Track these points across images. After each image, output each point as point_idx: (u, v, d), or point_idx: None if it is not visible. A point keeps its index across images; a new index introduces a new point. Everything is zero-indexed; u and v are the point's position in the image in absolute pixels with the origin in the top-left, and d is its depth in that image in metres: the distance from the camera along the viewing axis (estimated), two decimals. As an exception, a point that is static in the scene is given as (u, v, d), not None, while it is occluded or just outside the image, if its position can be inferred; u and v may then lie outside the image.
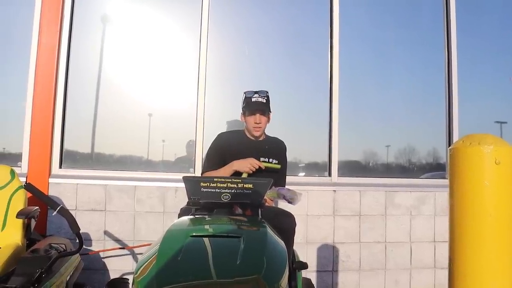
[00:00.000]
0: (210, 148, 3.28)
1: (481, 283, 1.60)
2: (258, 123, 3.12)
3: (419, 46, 4.84)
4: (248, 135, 3.24)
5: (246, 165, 2.98)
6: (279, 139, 3.38)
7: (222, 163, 3.09)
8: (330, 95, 4.43)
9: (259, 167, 3.00)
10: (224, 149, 3.14)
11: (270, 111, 3.20)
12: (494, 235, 1.60)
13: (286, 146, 3.37)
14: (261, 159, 3.11)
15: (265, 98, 3.13)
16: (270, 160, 3.17)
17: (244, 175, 2.97)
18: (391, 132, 4.78)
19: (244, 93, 3.20)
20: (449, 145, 4.52)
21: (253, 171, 2.98)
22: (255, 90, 3.16)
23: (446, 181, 4.42)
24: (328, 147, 4.39)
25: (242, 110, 3.21)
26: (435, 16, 4.79)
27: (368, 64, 4.76)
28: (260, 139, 3.24)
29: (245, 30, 4.51)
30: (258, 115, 3.11)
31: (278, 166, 3.12)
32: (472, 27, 4.89)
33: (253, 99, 3.12)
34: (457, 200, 1.66)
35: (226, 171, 3.03)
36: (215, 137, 3.30)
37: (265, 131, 3.30)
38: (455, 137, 4.58)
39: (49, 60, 3.93)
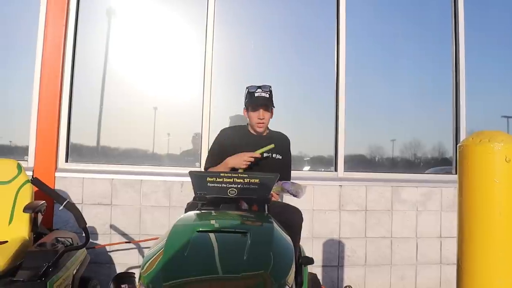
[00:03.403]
0: (213, 144, 3.25)
1: (490, 282, 1.59)
2: (261, 119, 3.05)
3: (426, 41, 4.79)
4: (251, 131, 3.19)
5: (241, 161, 2.91)
6: (283, 134, 3.33)
7: (224, 159, 3.04)
8: (336, 89, 4.41)
9: (256, 157, 2.94)
10: (227, 145, 3.08)
11: (274, 106, 3.13)
12: (503, 234, 1.59)
13: (290, 140, 3.32)
14: (264, 154, 3.07)
15: (268, 93, 3.05)
16: (274, 155, 3.14)
17: (240, 171, 2.92)
18: (397, 126, 4.75)
19: (247, 88, 3.12)
20: (456, 140, 4.53)
21: (249, 165, 2.93)
22: (258, 85, 3.07)
23: (452, 177, 4.46)
24: (334, 141, 4.37)
25: (245, 105, 3.15)
26: (443, 10, 4.75)
27: (374, 59, 4.73)
28: (263, 134, 3.19)
29: (251, 24, 4.48)
30: (261, 110, 3.04)
31: (272, 146, 3.02)
32: (480, 22, 4.84)
33: (256, 94, 3.03)
34: (466, 198, 1.65)
35: (222, 168, 2.97)
36: (218, 132, 3.27)
37: (269, 126, 3.27)
38: (462, 132, 4.56)
39: (55, 53, 3.92)
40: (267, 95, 3.05)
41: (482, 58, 4.85)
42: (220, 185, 2.35)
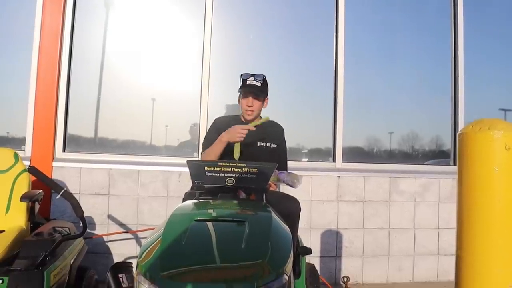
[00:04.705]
0: (209, 129, 3.22)
1: (490, 270, 1.59)
2: (250, 106, 3.03)
3: (425, 33, 4.79)
4: (244, 120, 3.15)
5: (236, 134, 2.85)
6: (276, 122, 3.28)
7: None
8: (335, 81, 4.40)
9: (250, 129, 2.89)
10: (221, 131, 3.01)
11: (267, 96, 3.12)
12: (503, 222, 1.58)
13: (285, 130, 3.27)
14: (258, 143, 3.05)
15: (261, 81, 3.04)
16: (268, 144, 3.10)
17: (237, 147, 2.89)
18: (395, 119, 4.75)
19: (241, 75, 3.10)
20: (455, 132, 4.53)
21: (244, 138, 2.87)
22: (252, 73, 3.07)
23: (450, 168, 4.46)
24: (332, 132, 4.37)
25: (239, 92, 3.13)
26: (442, 3, 4.73)
27: (372, 51, 4.72)
28: (257, 123, 3.14)
29: (249, 15, 4.46)
30: (250, 98, 3.02)
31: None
32: (479, 15, 4.83)
33: (248, 82, 3.03)
34: (466, 186, 1.64)
35: (218, 145, 2.91)
36: (213, 121, 3.24)
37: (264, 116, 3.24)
38: (461, 124, 4.55)
39: (52, 43, 3.89)
40: (259, 84, 3.04)
41: (480, 52, 4.84)
42: (218, 174, 2.33)
